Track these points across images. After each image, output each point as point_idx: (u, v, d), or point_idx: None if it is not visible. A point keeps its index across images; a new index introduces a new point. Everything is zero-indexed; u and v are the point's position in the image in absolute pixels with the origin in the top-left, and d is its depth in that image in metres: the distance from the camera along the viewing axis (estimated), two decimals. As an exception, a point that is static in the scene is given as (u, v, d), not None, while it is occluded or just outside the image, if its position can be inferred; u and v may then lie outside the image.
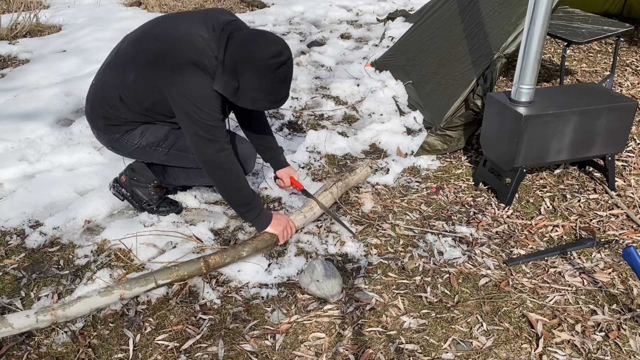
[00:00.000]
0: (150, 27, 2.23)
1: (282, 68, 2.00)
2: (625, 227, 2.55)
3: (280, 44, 2.01)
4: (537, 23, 2.37)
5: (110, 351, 1.91)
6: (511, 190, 2.68)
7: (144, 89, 2.16)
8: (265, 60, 1.97)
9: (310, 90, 4.05)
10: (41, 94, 3.81)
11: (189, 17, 2.19)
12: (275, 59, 1.97)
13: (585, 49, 4.83)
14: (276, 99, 2.09)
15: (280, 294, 2.17)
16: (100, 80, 2.30)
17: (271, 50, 1.98)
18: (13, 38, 5.19)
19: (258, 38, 2.03)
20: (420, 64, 3.72)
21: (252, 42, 2.02)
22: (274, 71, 1.99)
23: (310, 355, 1.90)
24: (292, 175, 2.60)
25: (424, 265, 2.32)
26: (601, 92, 2.80)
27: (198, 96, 2.03)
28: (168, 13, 2.64)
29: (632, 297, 2.14)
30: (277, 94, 2.07)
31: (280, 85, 2.05)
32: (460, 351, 1.91)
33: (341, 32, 5.49)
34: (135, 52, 2.18)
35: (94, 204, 2.60)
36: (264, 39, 2.02)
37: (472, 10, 3.52)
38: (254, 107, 2.15)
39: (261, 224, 2.31)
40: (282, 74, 2.02)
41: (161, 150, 2.36)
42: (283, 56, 1.99)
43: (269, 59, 1.97)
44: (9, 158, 2.99)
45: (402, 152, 3.21)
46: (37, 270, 2.27)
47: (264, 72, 1.99)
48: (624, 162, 3.07)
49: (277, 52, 1.98)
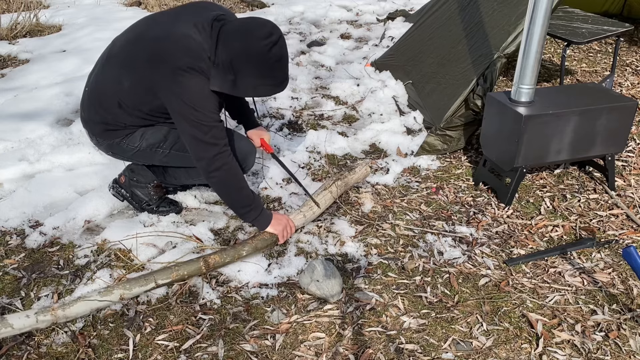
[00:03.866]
0: (142, 29, 2.20)
1: (274, 48, 2.00)
2: (625, 227, 2.55)
3: (269, 26, 2.02)
4: (537, 23, 2.37)
5: (110, 351, 1.91)
6: (511, 190, 2.68)
7: (143, 95, 2.15)
8: (257, 43, 1.97)
9: (310, 90, 4.05)
10: (41, 94, 3.80)
11: (180, 16, 2.16)
12: (265, 39, 1.98)
13: (585, 49, 4.83)
14: (277, 81, 2.09)
15: (280, 294, 2.17)
16: (94, 86, 2.28)
17: (260, 33, 1.98)
18: (13, 38, 5.18)
19: (246, 25, 2.03)
20: (420, 64, 3.72)
21: (240, 31, 2.02)
22: (268, 52, 1.99)
23: (310, 355, 1.90)
24: (263, 136, 2.57)
25: (424, 265, 2.32)
26: (601, 92, 2.80)
27: (197, 100, 2.03)
28: (156, 12, 2.61)
29: (632, 297, 2.14)
30: (277, 76, 2.07)
31: (277, 66, 2.04)
32: (460, 351, 1.91)
33: (341, 32, 5.49)
34: (128, 57, 2.16)
35: (94, 204, 2.60)
36: (251, 24, 2.03)
37: (471, 10, 3.52)
38: (257, 95, 2.15)
39: (261, 224, 2.31)
40: (277, 54, 2.02)
41: (162, 152, 2.36)
42: (273, 36, 2.00)
43: (260, 41, 1.97)
44: (9, 158, 2.99)
45: (402, 152, 3.21)
46: (37, 270, 2.27)
47: (258, 56, 1.99)
48: (624, 162, 3.07)
49: (266, 33, 1.99)
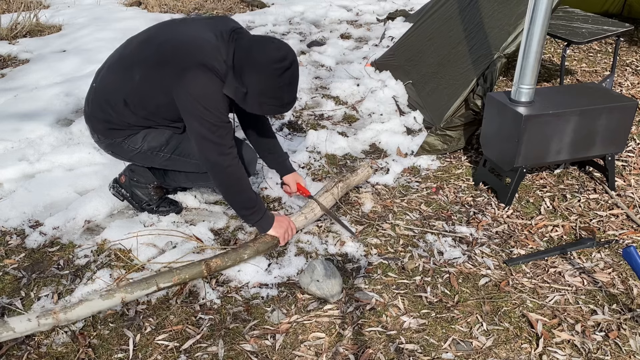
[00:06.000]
0: (159, 31, 2.24)
1: (286, 73, 2.02)
2: (625, 227, 2.55)
3: (284, 49, 2.03)
4: (537, 23, 2.37)
5: (110, 351, 1.91)
6: (511, 190, 2.68)
7: (150, 90, 2.15)
8: (269, 65, 1.99)
9: (310, 90, 4.05)
10: (41, 94, 3.80)
11: (198, 23, 2.20)
12: (279, 63, 1.99)
13: (585, 49, 4.83)
14: (282, 103, 2.10)
15: (280, 293, 2.17)
16: (102, 82, 2.29)
17: (275, 55, 2.00)
18: (13, 38, 5.18)
19: (261, 44, 2.04)
20: (420, 64, 3.72)
21: (255, 48, 2.03)
22: (279, 76, 2.01)
23: (310, 355, 1.90)
24: (298, 181, 2.58)
25: (424, 265, 2.32)
26: (601, 92, 2.80)
27: (206, 97, 2.04)
28: (174, 18, 2.64)
29: (632, 297, 2.14)
30: (283, 98, 2.09)
31: (285, 90, 2.06)
32: (460, 351, 1.91)
33: (341, 32, 5.49)
34: (142, 53, 2.18)
35: (94, 204, 2.60)
36: (267, 44, 2.04)
37: (472, 10, 3.52)
38: (262, 112, 2.17)
39: (263, 227, 2.31)
40: (287, 78, 2.03)
41: (163, 155, 2.36)
42: (287, 61, 2.01)
43: (273, 63, 1.99)
44: (9, 158, 2.99)
45: (402, 152, 3.21)
46: (37, 270, 2.27)
47: (268, 77, 2.01)
48: (624, 162, 3.07)
49: (280, 57, 2.00)
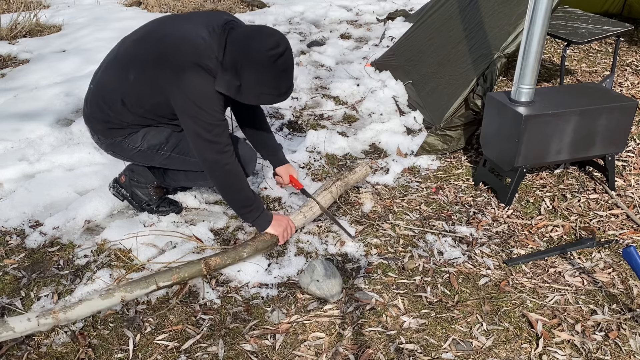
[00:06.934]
0: (153, 28, 2.23)
1: (280, 59, 2.01)
2: (625, 227, 2.55)
3: (277, 36, 2.03)
4: (537, 23, 2.37)
5: (110, 351, 1.91)
6: (511, 190, 2.68)
7: (146, 89, 2.16)
8: (263, 53, 1.99)
9: (310, 90, 4.05)
10: (41, 94, 3.80)
11: (191, 19, 2.20)
12: (272, 50, 1.99)
13: (585, 49, 4.83)
14: (280, 91, 2.10)
15: (280, 293, 2.17)
16: (99, 83, 2.29)
17: (268, 43, 1.99)
18: (13, 38, 5.18)
19: (254, 33, 2.04)
20: (420, 64, 3.72)
21: (248, 38, 2.03)
22: (273, 63, 2.00)
23: (310, 355, 1.90)
24: (291, 173, 2.60)
25: (424, 265, 2.32)
26: (601, 92, 2.80)
27: (201, 97, 2.04)
28: (168, 14, 2.65)
29: (632, 297, 2.14)
30: (281, 86, 2.08)
31: (281, 76, 2.06)
32: (460, 351, 1.91)
33: (341, 32, 5.49)
34: (137, 52, 2.18)
35: (94, 204, 2.60)
36: (259, 33, 2.04)
37: (472, 10, 3.52)
38: (260, 103, 2.17)
39: (262, 225, 2.31)
40: (282, 65, 2.03)
41: (162, 154, 2.36)
42: (280, 47, 2.00)
43: (267, 51, 1.98)
44: (9, 158, 2.99)
45: (402, 152, 3.21)
46: (37, 270, 2.27)
47: (263, 65, 2.00)
48: (624, 162, 3.07)
49: (274, 44, 2.00)
